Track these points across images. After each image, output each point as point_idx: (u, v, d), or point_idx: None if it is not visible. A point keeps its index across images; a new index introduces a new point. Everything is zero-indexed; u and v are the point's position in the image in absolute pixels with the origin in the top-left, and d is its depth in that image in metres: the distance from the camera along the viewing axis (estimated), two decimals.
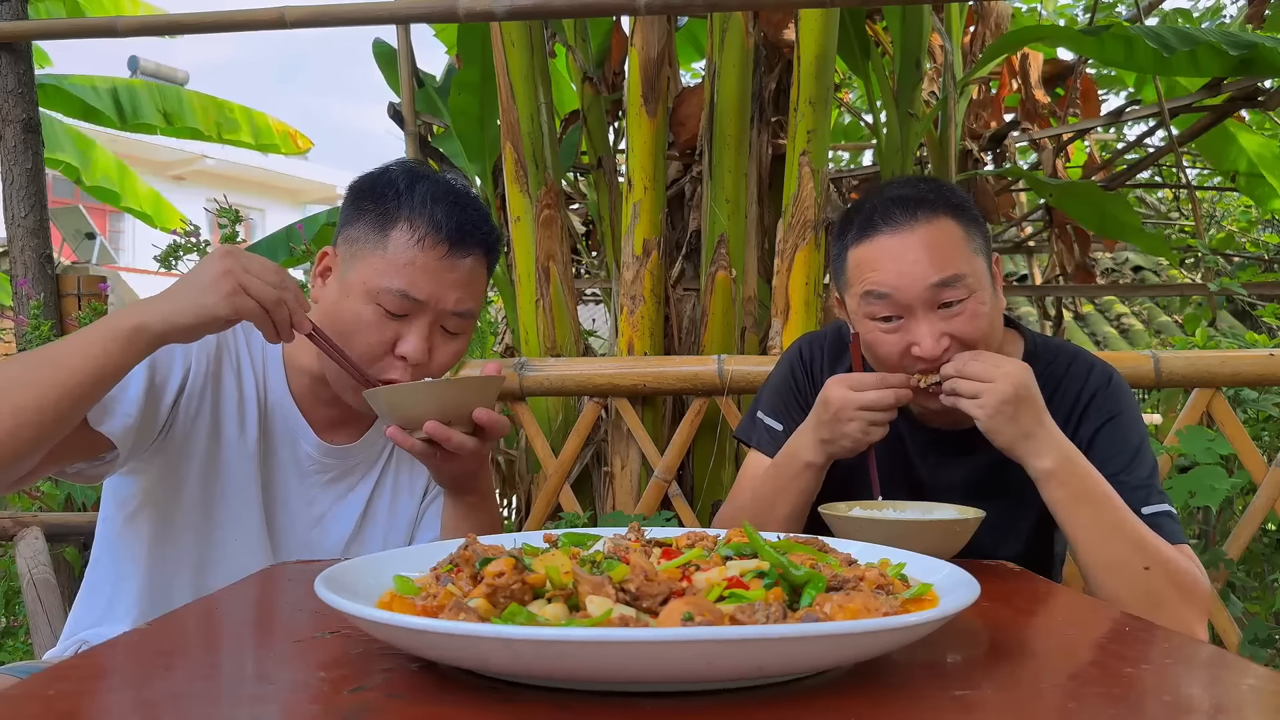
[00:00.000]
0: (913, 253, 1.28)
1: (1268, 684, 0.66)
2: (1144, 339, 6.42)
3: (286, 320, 1.13)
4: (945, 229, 1.30)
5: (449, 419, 1.15)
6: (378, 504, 1.40)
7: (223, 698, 0.66)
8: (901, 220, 1.30)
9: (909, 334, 1.30)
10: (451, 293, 1.26)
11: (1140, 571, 1.20)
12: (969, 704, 0.61)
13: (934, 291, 1.27)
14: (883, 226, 1.31)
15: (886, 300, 1.30)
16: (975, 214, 1.35)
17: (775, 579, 0.72)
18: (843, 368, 1.50)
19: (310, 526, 1.36)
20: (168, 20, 2.71)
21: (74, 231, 8.07)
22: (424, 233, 1.24)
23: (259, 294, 1.10)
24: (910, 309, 1.29)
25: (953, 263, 1.28)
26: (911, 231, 1.29)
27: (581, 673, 0.60)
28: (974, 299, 1.29)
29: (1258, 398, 2.64)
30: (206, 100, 5.52)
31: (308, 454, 1.35)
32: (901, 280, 1.28)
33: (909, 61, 3.18)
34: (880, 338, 1.32)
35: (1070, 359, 1.42)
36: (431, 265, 1.24)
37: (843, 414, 1.30)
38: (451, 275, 1.26)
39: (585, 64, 3.17)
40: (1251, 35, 2.93)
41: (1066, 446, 1.23)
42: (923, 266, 1.27)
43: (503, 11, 2.35)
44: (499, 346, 3.78)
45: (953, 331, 1.29)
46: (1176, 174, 5.46)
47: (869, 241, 1.32)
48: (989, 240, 1.37)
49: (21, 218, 2.66)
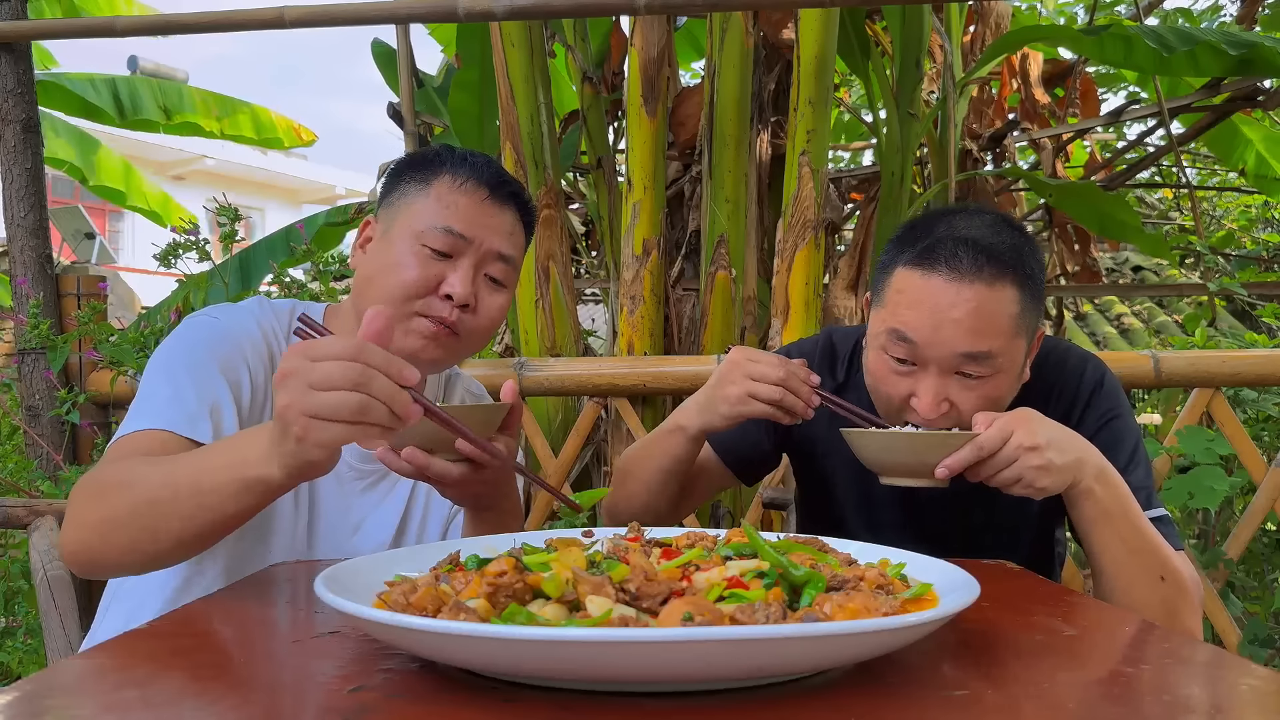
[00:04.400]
0: (957, 311, 1.19)
1: (1268, 684, 0.66)
2: (1144, 339, 6.41)
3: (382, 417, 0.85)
4: (1003, 300, 1.20)
5: (432, 448, 1.08)
6: (414, 509, 1.38)
7: (223, 698, 0.66)
8: (965, 270, 1.19)
9: (915, 384, 1.24)
10: (495, 235, 1.27)
11: (1158, 581, 1.19)
12: (969, 704, 0.61)
13: (958, 360, 1.21)
14: (942, 267, 1.20)
15: (908, 346, 1.22)
16: (1041, 285, 1.26)
17: (775, 579, 0.72)
18: (831, 383, 1.46)
19: (349, 534, 1.33)
20: (166, 20, 2.71)
21: (73, 231, 8.08)
22: (465, 178, 1.27)
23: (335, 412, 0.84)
24: (925, 363, 1.22)
25: (992, 339, 1.20)
26: (969, 287, 1.19)
27: (581, 673, 0.60)
28: (995, 380, 1.22)
29: (1257, 398, 2.64)
30: (208, 95, 5.51)
31: (345, 461, 1.32)
32: (933, 336, 1.20)
33: (909, 61, 3.18)
34: (887, 375, 1.27)
35: (1061, 358, 1.40)
36: (474, 206, 1.27)
37: (731, 373, 1.26)
38: (494, 220, 1.28)
39: (585, 64, 3.17)
40: (1251, 35, 2.94)
41: (1098, 458, 1.17)
42: (960, 333, 1.19)
43: (502, 11, 2.35)
44: (499, 346, 3.77)
45: (956, 401, 1.23)
46: (1176, 174, 5.46)
47: (921, 274, 1.22)
48: (1041, 315, 1.29)
49: (21, 218, 2.65)
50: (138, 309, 3.86)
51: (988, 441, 1.13)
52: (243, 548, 1.26)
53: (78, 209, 9.15)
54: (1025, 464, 1.12)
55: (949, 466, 1.14)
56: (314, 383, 0.84)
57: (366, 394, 0.84)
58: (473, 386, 1.52)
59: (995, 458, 1.13)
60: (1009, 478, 1.13)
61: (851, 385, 1.47)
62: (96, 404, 2.67)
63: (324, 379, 0.83)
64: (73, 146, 5.61)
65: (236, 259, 3.53)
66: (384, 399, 0.85)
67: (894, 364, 1.25)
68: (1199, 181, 6.08)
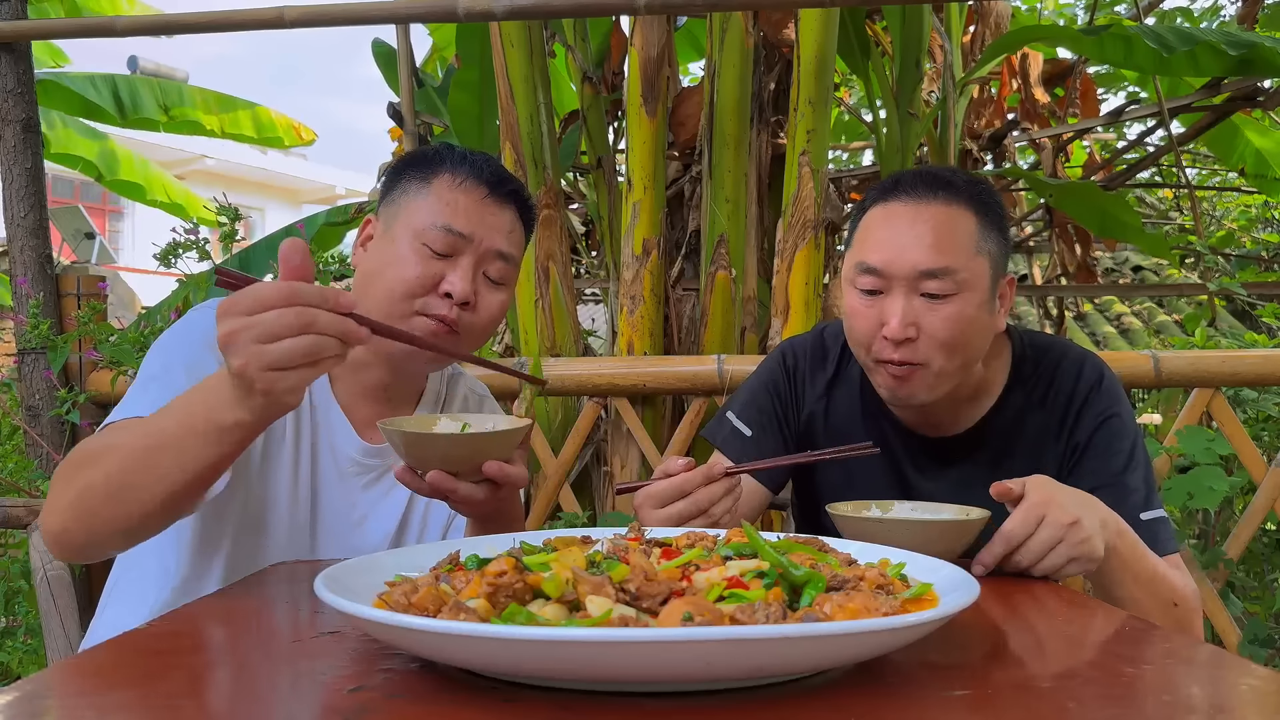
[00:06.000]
0: (915, 229, 1.25)
1: (1268, 684, 0.66)
2: (1144, 339, 6.41)
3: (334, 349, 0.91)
4: (958, 217, 1.26)
5: (458, 470, 1.08)
6: (416, 505, 1.38)
7: (223, 698, 0.66)
8: (920, 193, 1.27)
9: (883, 310, 1.26)
10: (495, 233, 1.28)
11: (1171, 608, 1.19)
12: (969, 704, 0.61)
13: (919, 277, 1.24)
14: (900, 194, 1.28)
15: (873, 276, 1.26)
16: (1000, 218, 1.30)
17: (775, 579, 0.72)
18: (824, 377, 1.48)
19: (351, 529, 1.33)
20: (166, 20, 2.71)
21: (73, 231, 8.07)
22: (465, 176, 1.28)
23: (288, 357, 0.87)
24: (890, 286, 1.26)
25: (950, 254, 1.24)
26: (926, 207, 1.26)
27: (581, 673, 0.60)
28: (959, 299, 1.24)
29: (1257, 398, 2.64)
30: (208, 94, 5.51)
31: (348, 456, 1.32)
32: (894, 256, 1.24)
33: (909, 61, 3.18)
34: (858, 308, 1.29)
35: (1059, 357, 1.39)
36: (474, 204, 1.27)
37: None
38: (493, 218, 1.28)
39: (585, 64, 3.17)
40: (1251, 35, 2.93)
41: (1110, 513, 1.12)
42: (918, 248, 1.24)
43: (502, 11, 2.35)
44: (498, 346, 3.78)
45: (923, 325, 1.24)
46: (1176, 174, 5.46)
47: (882, 205, 1.29)
48: (1006, 253, 1.31)
49: (21, 217, 2.65)
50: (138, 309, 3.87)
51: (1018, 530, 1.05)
52: (245, 541, 1.26)
53: (78, 209, 9.16)
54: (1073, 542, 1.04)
55: (985, 564, 1.06)
56: (260, 337, 0.86)
57: (315, 334, 0.87)
58: (476, 386, 1.52)
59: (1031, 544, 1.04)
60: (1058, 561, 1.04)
61: (843, 379, 1.48)
62: (96, 404, 2.67)
63: (269, 331, 0.86)
64: (90, 143, 5.63)
65: (236, 259, 3.53)
66: (332, 333, 0.89)
67: (863, 298, 1.28)
68: (1199, 181, 6.08)
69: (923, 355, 1.25)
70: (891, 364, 1.26)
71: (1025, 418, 1.38)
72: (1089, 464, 1.33)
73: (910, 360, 1.26)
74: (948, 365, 1.27)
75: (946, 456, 1.40)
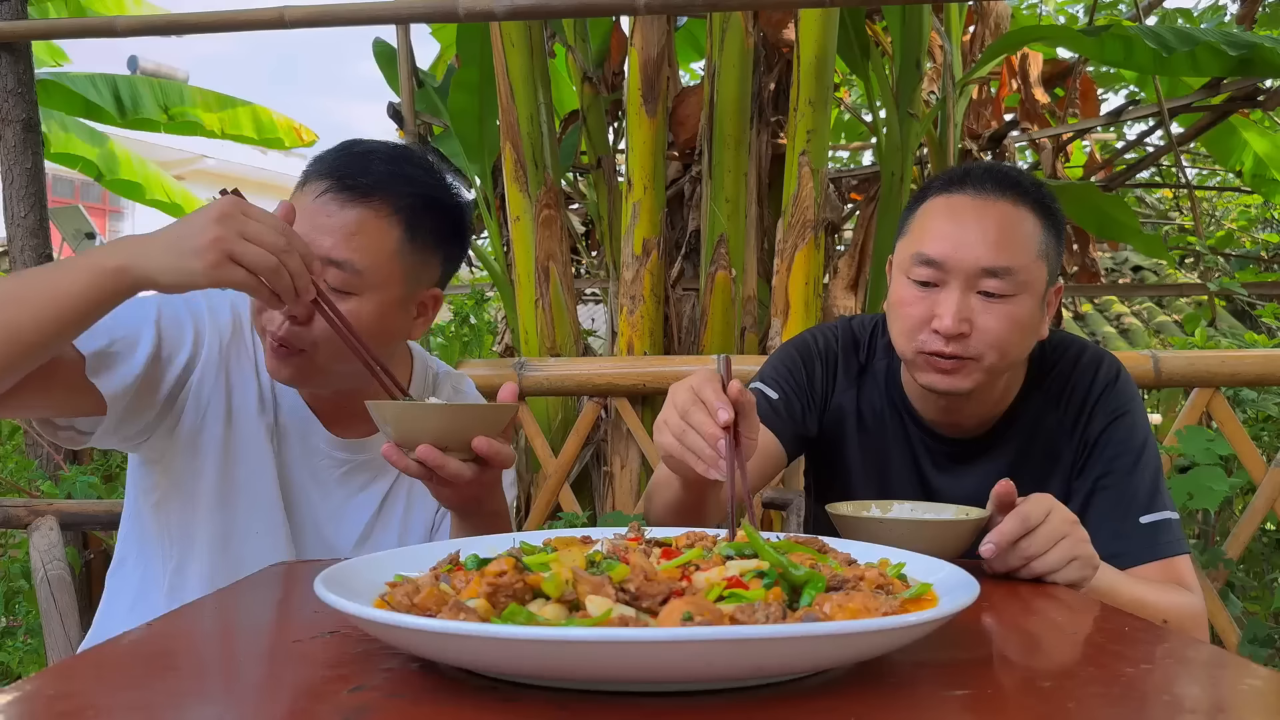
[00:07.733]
0: (982, 225, 1.23)
1: (1268, 684, 0.66)
2: (1143, 339, 6.41)
3: (288, 287, 1.03)
4: (1023, 218, 1.25)
5: (447, 445, 1.06)
6: (392, 508, 1.36)
7: (223, 698, 0.66)
8: (989, 189, 1.25)
9: (936, 303, 1.24)
10: (325, 237, 1.15)
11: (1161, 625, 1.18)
12: (969, 704, 0.61)
13: (980, 275, 1.22)
14: (968, 187, 1.26)
15: (931, 268, 1.24)
16: (1060, 225, 1.30)
17: (775, 579, 0.72)
18: (855, 365, 1.46)
19: (326, 521, 1.33)
20: (167, 20, 2.71)
21: (73, 231, 8.06)
22: (309, 173, 1.20)
23: (253, 262, 0.99)
24: (947, 280, 1.23)
25: (1013, 254, 1.22)
26: (993, 204, 1.24)
27: (581, 673, 0.60)
28: (1015, 301, 1.23)
29: (1257, 398, 2.64)
30: (208, 94, 5.51)
31: (318, 448, 1.31)
32: (956, 251, 1.22)
33: (909, 61, 3.18)
34: (910, 299, 1.26)
35: (1078, 354, 1.39)
36: (307, 206, 1.16)
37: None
38: (327, 220, 1.15)
39: (585, 64, 3.17)
40: (1251, 35, 2.93)
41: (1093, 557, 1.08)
42: (984, 245, 1.22)
43: (503, 11, 2.35)
44: (499, 346, 3.77)
45: (976, 323, 1.23)
46: (1176, 174, 5.47)
47: (945, 196, 1.27)
48: (1060, 262, 1.30)
49: (21, 217, 2.65)
50: None
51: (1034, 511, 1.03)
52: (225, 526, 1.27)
53: (78, 209, 9.13)
54: (1076, 538, 1.03)
55: (996, 544, 1.03)
56: (246, 232, 1.00)
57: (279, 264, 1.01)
58: (461, 384, 1.48)
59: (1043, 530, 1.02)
60: (1062, 556, 1.03)
61: (870, 371, 1.46)
62: None
63: (256, 234, 1.01)
64: (89, 144, 5.63)
65: None
66: (293, 272, 1.03)
67: (917, 289, 1.26)
68: (1198, 181, 6.08)
69: (973, 351, 1.24)
70: (940, 357, 1.24)
71: (1043, 417, 1.37)
72: (1095, 460, 1.33)
73: (960, 355, 1.24)
74: (997, 364, 1.26)
75: (967, 457, 1.40)
